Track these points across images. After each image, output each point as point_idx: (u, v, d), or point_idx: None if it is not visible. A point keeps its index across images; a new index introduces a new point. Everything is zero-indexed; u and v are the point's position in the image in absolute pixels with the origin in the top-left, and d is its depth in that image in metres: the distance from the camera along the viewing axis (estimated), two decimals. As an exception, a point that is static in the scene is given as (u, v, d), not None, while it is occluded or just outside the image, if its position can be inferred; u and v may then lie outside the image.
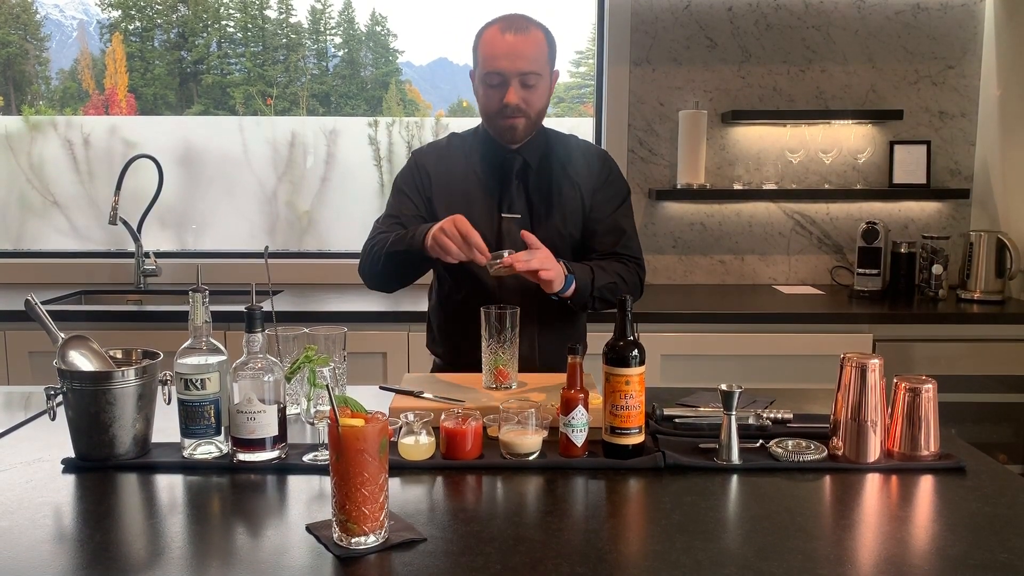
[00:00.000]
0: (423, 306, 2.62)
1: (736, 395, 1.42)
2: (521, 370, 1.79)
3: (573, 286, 1.83)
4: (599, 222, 2.00)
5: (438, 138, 2.12)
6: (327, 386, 1.20)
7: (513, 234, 1.92)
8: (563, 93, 4.38)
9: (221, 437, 1.45)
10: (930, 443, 1.43)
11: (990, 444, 2.91)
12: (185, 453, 1.43)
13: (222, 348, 1.45)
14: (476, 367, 1.81)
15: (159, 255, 3.45)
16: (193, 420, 1.43)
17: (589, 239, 2.01)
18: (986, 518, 1.23)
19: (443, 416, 1.45)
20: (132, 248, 3.40)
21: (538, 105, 1.90)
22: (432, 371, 2.12)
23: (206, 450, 1.44)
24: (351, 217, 3.89)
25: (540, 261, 1.73)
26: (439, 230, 1.72)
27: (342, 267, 3.46)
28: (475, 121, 2.05)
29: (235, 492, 1.32)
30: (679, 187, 3.31)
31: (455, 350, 2.06)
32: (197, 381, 1.41)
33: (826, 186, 3.39)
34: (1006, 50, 3.22)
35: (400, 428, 1.45)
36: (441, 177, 1.98)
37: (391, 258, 1.86)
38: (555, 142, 2.03)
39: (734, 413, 1.42)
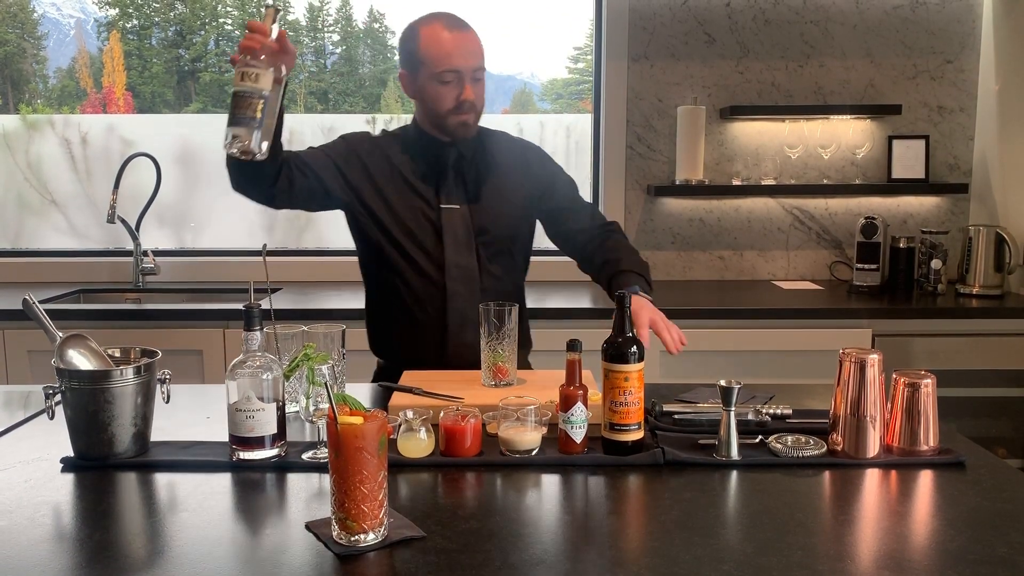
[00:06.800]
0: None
1: (735, 391, 1.42)
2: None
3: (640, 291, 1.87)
4: (569, 207, 2.07)
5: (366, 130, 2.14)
6: (326, 384, 1.20)
7: (453, 224, 1.95)
8: (561, 89, 4.37)
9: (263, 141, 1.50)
10: (929, 438, 1.43)
11: (989, 438, 2.91)
12: (223, 144, 1.49)
13: None
14: (421, 364, 1.87)
15: (157, 253, 3.44)
16: (239, 110, 1.47)
17: (565, 224, 2.05)
18: (986, 513, 1.23)
19: (442, 413, 1.45)
20: (130, 247, 3.39)
21: (483, 99, 1.96)
22: (374, 379, 2.07)
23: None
24: (350, 215, 3.89)
25: (665, 324, 1.80)
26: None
27: (341, 265, 3.45)
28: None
29: (234, 490, 1.32)
30: (678, 183, 3.31)
31: (393, 348, 2.04)
32: (252, 75, 1.47)
33: (825, 181, 3.39)
34: (1005, 44, 3.22)
35: (399, 425, 1.45)
36: (374, 167, 1.98)
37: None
38: (487, 135, 2.05)
39: (733, 409, 1.42)
